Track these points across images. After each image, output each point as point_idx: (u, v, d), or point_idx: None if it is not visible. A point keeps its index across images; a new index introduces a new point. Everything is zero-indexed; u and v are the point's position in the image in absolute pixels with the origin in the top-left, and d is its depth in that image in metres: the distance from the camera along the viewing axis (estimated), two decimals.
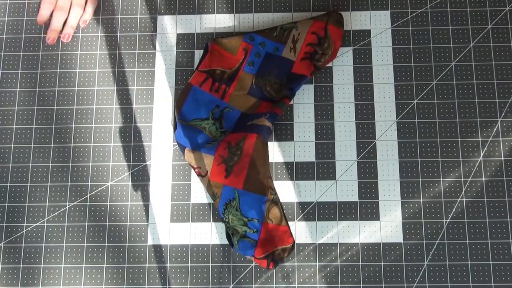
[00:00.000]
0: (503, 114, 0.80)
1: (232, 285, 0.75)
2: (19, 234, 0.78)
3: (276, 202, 0.75)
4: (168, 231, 0.77)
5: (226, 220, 0.74)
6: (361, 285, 0.75)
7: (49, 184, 0.79)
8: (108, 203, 0.78)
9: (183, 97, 0.78)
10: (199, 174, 0.76)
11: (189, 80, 0.78)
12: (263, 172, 0.74)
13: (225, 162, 0.75)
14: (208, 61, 0.79)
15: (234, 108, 0.78)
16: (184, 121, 0.77)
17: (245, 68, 0.79)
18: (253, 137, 0.75)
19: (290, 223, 0.77)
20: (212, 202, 0.76)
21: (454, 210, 0.77)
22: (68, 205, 0.79)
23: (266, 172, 0.75)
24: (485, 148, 0.79)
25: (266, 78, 0.78)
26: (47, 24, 0.84)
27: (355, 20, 0.84)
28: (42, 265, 0.77)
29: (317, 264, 0.76)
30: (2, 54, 0.84)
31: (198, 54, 0.83)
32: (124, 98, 0.82)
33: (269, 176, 0.75)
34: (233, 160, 0.75)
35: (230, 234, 0.74)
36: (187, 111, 0.77)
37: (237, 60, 0.79)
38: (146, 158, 0.80)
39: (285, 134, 0.80)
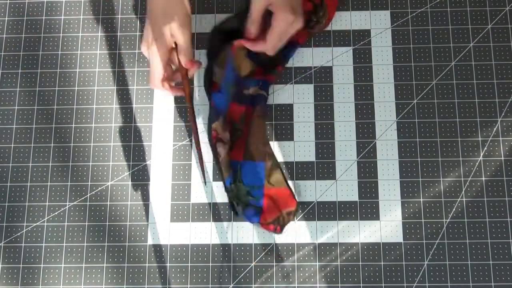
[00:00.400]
0: (503, 114, 0.80)
1: (232, 285, 0.75)
2: (19, 234, 0.78)
3: (276, 166, 0.75)
4: (168, 231, 0.77)
5: (230, 189, 0.74)
6: (361, 285, 0.75)
7: (49, 184, 0.79)
8: (108, 203, 0.78)
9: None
10: (216, 140, 0.75)
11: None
12: (259, 139, 0.76)
13: (231, 139, 0.76)
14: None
15: (230, 69, 0.76)
16: (225, 82, 0.76)
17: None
18: (251, 109, 0.77)
19: (290, 223, 0.77)
20: (223, 177, 0.75)
21: (454, 210, 0.77)
22: (68, 205, 0.79)
23: (262, 139, 0.76)
24: (485, 148, 0.79)
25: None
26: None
27: (355, 20, 0.84)
28: (42, 265, 0.77)
29: (317, 264, 0.76)
30: (2, 54, 0.84)
31: (198, 54, 0.83)
32: (124, 98, 0.82)
33: (267, 143, 0.76)
34: (235, 135, 0.77)
35: (234, 203, 0.75)
36: (227, 78, 0.77)
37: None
38: (146, 158, 0.80)
39: (285, 134, 0.80)
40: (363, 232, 0.76)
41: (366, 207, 0.77)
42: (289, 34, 0.72)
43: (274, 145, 0.79)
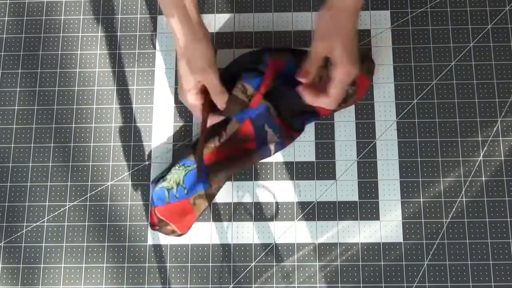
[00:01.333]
0: (503, 114, 0.80)
1: (232, 285, 0.75)
2: (19, 234, 0.78)
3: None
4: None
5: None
6: (361, 285, 0.75)
7: (49, 184, 0.79)
8: (108, 203, 0.78)
9: (225, 123, 0.78)
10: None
11: (249, 104, 0.76)
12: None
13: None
14: (268, 79, 0.76)
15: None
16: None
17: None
18: (253, 145, 0.77)
19: (289, 222, 0.77)
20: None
21: (454, 210, 0.77)
22: (68, 205, 0.79)
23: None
24: (485, 148, 0.79)
25: (281, 99, 0.78)
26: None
27: None
28: (42, 265, 0.77)
29: (317, 264, 0.76)
30: (2, 54, 0.84)
31: None
32: (124, 98, 0.82)
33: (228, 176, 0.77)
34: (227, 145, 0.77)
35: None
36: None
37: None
38: (146, 158, 0.80)
39: None
40: (363, 232, 0.76)
41: (366, 207, 0.77)
42: (346, 84, 0.68)
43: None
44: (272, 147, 0.77)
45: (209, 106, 0.74)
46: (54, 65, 0.83)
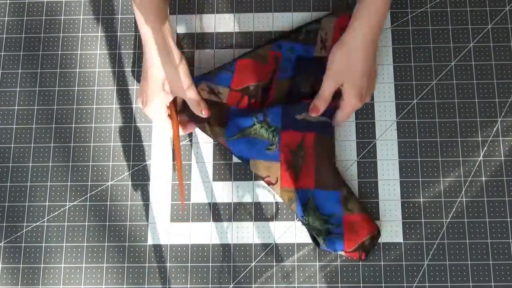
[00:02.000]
0: (503, 114, 0.80)
1: (232, 285, 0.75)
2: (19, 234, 0.78)
3: (350, 193, 0.75)
4: (168, 231, 0.77)
5: (306, 222, 0.73)
6: (361, 285, 0.75)
7: (49, 184, 0.79)
8: (108, 203, 0.78)
9: (222, 118, 0.76)
10: (269, 183, 0.75)
11: (224, 101, 0.77)
12: (330, 168, 0.75)
13: (292, 166, 0.75)
14: (238, 79, 0.77)
15: (274, 106, 0.76)
16: (232, 137, 0.75)
17: (279, 77, 0.78)
18: (311, 136, 0.75)
19: (289, 222, 0.77)
20: (290, 207, 0.75)
21: (454, 210, 0.77)
22: (68, 205, 0.79)
23: (334, 167, 0.75)
24: (485, 148, 0.79)
25: (303, 78, 0.77)
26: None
27: None
28: (42, 265, 0.77)
29: (317, 264, 0.76)
30: (2, 54, 0.84)
31: (198, 53, 0.83)
32: (124, 98, 0.82)
33: (337, 171, 0.76)
34: (298, 163, 0.75)
35: (313, 235, 0.74)
36: (232, 128, 0.76)
37: (269, 69, 0.78)
38: (146, 158, 0.80)
39: None
40: None
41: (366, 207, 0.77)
42: (350, 114, 0.76)
43: None
44: (325, 120, 0.75)
45: (176, 119, 0.75)
46: (54, 65, 0.83)
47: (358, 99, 0.73)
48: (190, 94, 0.74)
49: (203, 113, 0.75)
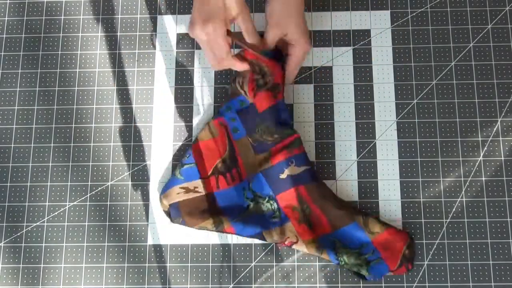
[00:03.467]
0: (503, 114, 0.80)
1: (232, 285, 0.75)
2: (19, 234, 0.78)
3: (365, 214, 0.74)
4: (168, 231, 0.77)
5: (343, 263, 0.73)
6: (361, 285, 0.75)
7: (49, 184, 0.79)
8: (108, 203, 0.78)
9: (216, 209, 0.76)
10: (291, 244, 0.74)
11: (204, 192, 0.76)
12: (335, 204, 0.75)
13: (302, 220, 0.75)
14: (201, 166, 0.77)
15: (255, 176, 0.76)
16: (236, 219, 0.75)
17: (234, 138, 0.77)
18: (302, 189, 0.75)
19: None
20: (322, 257, 0.74)
21: (454, 210, 0.77)
22: (68, 205, 0.79)
23: (338, 201, 0.75)
24: (485, 148, 0.79)
25: (257, 130, 0.77)
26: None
27: (355, 20, 0.84)
28: (42, 265, 0.77)
29: (317, 264, 0.76)
30: (2, 54, 0.84)
31: (198, 54, 0.83)
32: (124, 98, 0.82)
33: (342, 202, 0.75)
34: (306, 215, 0.75)
35: (356, 271, 0.73)
36: (229, 211, 0.76)
37: (222, 139, 0.78)
38: (146, 158, 0.80)
39: None
40: None
41: (366, 207, 0.77)
42: (303, 61, 0.78)
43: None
44: (300, 169, 0.75)
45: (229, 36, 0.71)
46: (54, 65, 0.83)
47: (307, 40, 0.75)
48: (246, 11, 0.71)
49: (252, 40, 0.73)
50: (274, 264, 0.76)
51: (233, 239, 0.77)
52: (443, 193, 0.77)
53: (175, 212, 0.75)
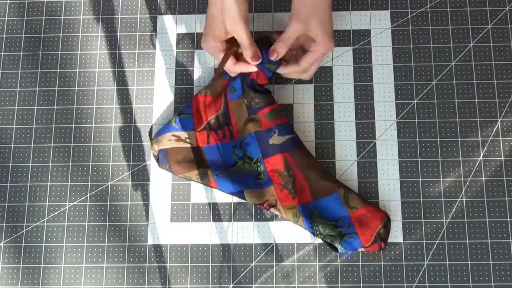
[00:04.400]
0: (503, 114, 0.80)
1: (232, 285, 0.75)
2: (19, 234, 0.78)
3: (348, 190, 0.75)
4: (168, 231, 0.77)
5: (318, 232, 0.74)
6: (361, 285, 0.75)
7: (49, 184, 0.79)
8: (108, 203, 0.78)
9: (202, 161, 0.77)
10: (269, 207, 0.75)
11: (194, 144, 0.77)
12: (319, 174, 0.75)
13: (285, 186, 0.75)
14: (197, 119, 0.78)
15: (247, 136, 0.77)
16: (221, 173, 0.76)
17: (231, 98, 0.78)
18: (288, 156, 0.75)
19: (289, 222, 0.77)
20: (297, 223, 0.75)
21: (454, 210, 0.77)
22: (68, 205, 0.79)
23: (323, 172, 0.76)
24: (485, 148, 0.79)
25: (248, 92, 0.77)
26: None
27: (355, 19, 0.84)
28: (42, 265, 0.77)
29: (317, 264, 0.76)
30: (2, 54, 0.84)
31: (198, 54, 0.83)
32: (124, 98, 0.82)
33: (328, 173, 0.76)
34: (290, 182, 0.75)
35: (329, 241, 0.74)
36: (216, 166, 0.77)
37: (220, 96, 0.78)
38: (146, 158, 0.80)
39: None
40: None
41: None
42: (322, 60, 0.77)
43: None
44: (288, 137, 0.76)
45: (229, 54, 0.74)
46: (54, 65, 0.83)
47: (331, 39, 0.73)
48: (238, 27, 0.72)
49: (248, 56, 0.73)
50: (274, 264, 0.76)
51: (233, 239, 0.77)
52: (443, 193, 0.77)
53: (163, 158, 0.77)
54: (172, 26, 0.84)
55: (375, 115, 0.80)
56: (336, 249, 0.75)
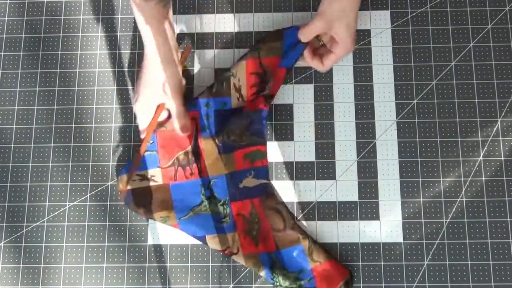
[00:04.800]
0: (503, 114, 0.80)
1: (232, 285, 0.75)
2: (19, 234, 0.78)
3: (313, 242, 0.74)
4: (168, 231, 0.77)
5: (278, 284, 0.73)
6: (361, 285, 0.75)
7: (49, 184, 0.79)
8: (108, 203, 0.78)
9: (167, 202, 0.75)
10: (231, 253, 0.74)
11: (161, 182, 0.76)
12: (286, 224, 0.74)
13: (249, 233, 0.74)
14: (163, 154, 0.77)
15: (217, 176, 0.76)
16: (183, 217, 0.75)
17: (202, 136, 0.77)
18: (257, 202, 0.75)
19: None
20: (258, 273, 0.74)
21: (454, 210, 0.77)
22: (68, 205, 0.79)
23: (289, 221, 0.74)
24: (485, 148, 0.79)
25: (225, 131, 0.76)
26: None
27: None
28: (42, 265, 0.77)
29: None
30: (2, 54, 0.84)
31: (198, 54, 0.83)
32: (124, 98, 0.82)
33: (294, 224, 0.74)
34: (255, 229, 0.74)
35: None
36: (180, 208, 0.75)
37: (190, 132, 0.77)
38: None
39: (285, 134, 0.80)
40: (363, 232, 0.76)
41: (366, 207, 0.77)
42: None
43: (274, 145, 0.79)
44: (262, 182, 0.75)
45: (153, 126, 0.76)
46: (54, 65, 0.83)
47: (353, 42, 0.75)
48: (177, 101, 0.76)
49: (180, 127, 0.76)
50: None
51: None
52: (443, 193, 0.77)
53: (127, 199, 0.76)
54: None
55: (375, 115, 0.80)
56: None
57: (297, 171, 0.79)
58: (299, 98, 0.81)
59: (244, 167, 0.75)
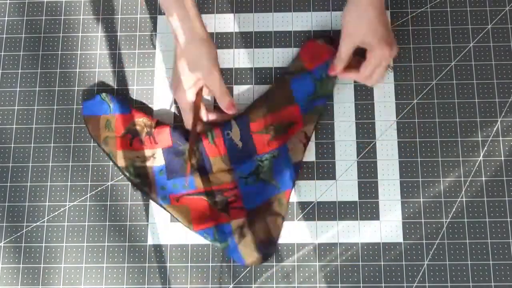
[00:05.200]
0: (503, 114, 0.80)
1: (232, 285, 0.75)
2: (19, 234, 0.78)
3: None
4: (168, 231, 0.77)
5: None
6: (361, 285, 0.75)
7: (49, 184, 0.79)
8: (108, 203, 0.78)
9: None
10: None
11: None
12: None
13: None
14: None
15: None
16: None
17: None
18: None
19: (289, 222, 0.77)
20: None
21: (454, 210, 0.77)
22: (68, 205, 0.79)
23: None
24: (485, 148, 0.79)
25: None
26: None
27: None
28: (42, 265, 0.77)
29: (317, 264, 0.76)
30: (2, 54, 0.84)
31: None
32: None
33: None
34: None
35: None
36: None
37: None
38: None
39: None
40: (363, 232, 0.76)
41: (366, 207, 0.77)
42: (385, 66, 0.74)
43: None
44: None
45: (198, 108, 0.76)
46: (54, 65, 0.83)
47: (385, 46, 0.71)
48: (213, 77, 0.74)
49: (224, 105, 0.75)
50: (274, 264, 0.76)
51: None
52: (443, 193, 0.77)
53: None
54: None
55: (375, 115, 0.80)
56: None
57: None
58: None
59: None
